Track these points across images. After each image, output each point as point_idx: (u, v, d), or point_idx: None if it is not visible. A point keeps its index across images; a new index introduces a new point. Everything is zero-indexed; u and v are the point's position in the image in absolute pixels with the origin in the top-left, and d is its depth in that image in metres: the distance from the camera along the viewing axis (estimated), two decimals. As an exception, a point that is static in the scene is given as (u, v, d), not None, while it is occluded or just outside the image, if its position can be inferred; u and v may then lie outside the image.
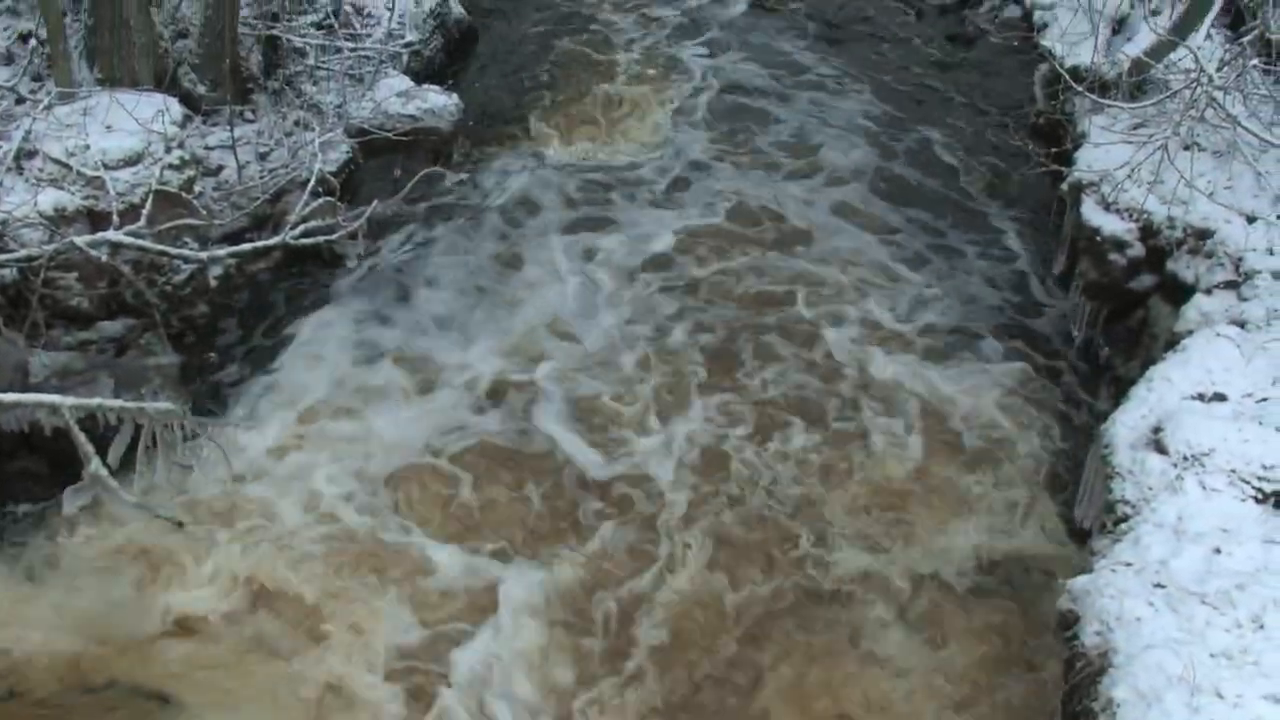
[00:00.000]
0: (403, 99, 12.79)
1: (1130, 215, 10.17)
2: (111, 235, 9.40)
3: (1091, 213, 10.43)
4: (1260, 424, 7.84)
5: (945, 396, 9.99)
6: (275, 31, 12.49)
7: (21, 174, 9.70)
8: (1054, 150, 11.67)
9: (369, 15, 13.96)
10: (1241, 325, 8.89)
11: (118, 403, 8.35)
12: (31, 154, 9.80)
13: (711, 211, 12.28)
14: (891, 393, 10.01)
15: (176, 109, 10.68)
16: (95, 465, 8.14)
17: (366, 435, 9.43)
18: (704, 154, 13.34)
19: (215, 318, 10.43)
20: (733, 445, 9.45)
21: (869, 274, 11.42)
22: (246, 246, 10.44)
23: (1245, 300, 9.10)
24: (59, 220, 9.44)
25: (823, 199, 12.47)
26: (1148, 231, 10.07)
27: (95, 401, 8.22)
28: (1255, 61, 10.62)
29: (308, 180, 11.00)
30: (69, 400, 8.08)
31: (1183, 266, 9.77)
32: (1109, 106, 11.22)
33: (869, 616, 8.12)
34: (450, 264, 11.49)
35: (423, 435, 9.44)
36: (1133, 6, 13.02)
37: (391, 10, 13.71)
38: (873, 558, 8.52)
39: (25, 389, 8.41)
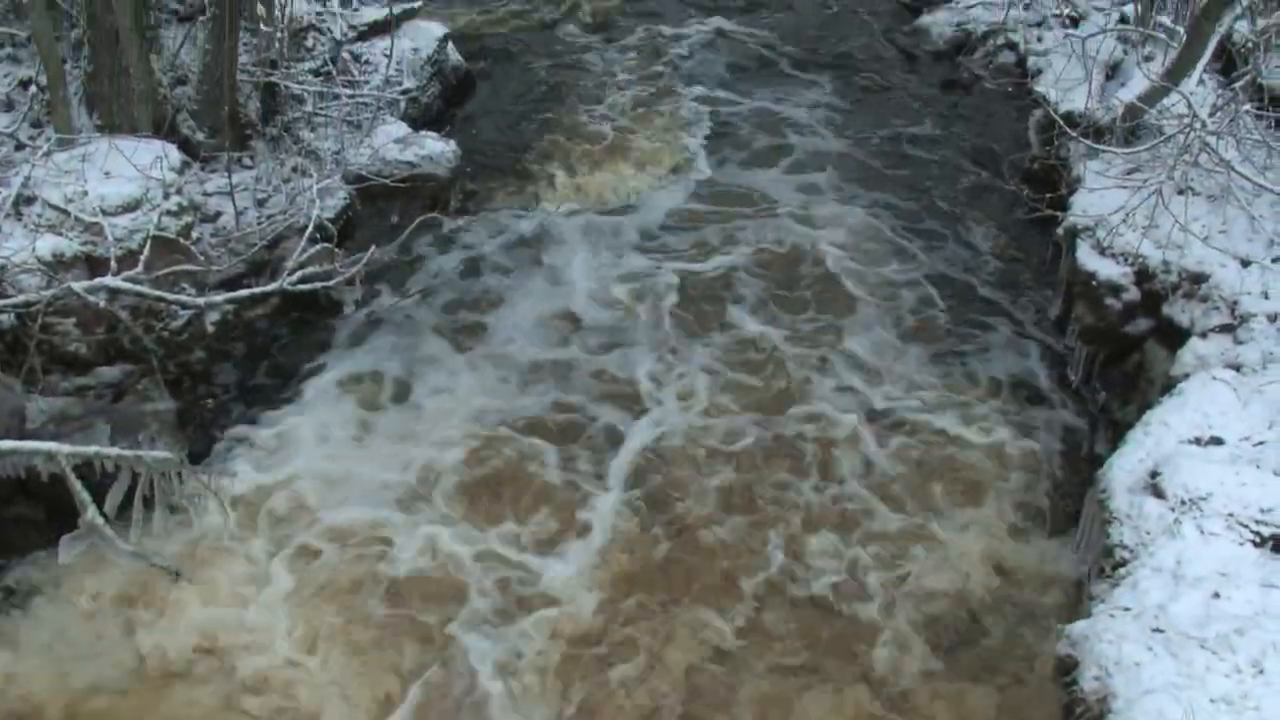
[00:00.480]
0: (400, 146, 12.83)
1: (1126, 260, 10.21)
2: (109, 281, 9.41)
3: (1087, 257, 10.47)
4: (1257, 467, 7.85)
5: (941, 440, 9.98)
6: (274, 79, 12.52)
7: (20, 220, 9.73)
8: (1049, 195, 11.72)
9: (367, 62, 14.03)
10: (1237, 369, 8.93)
11: (115, 451, 8.29)
12: (30, 200, 9.83)
13: (708, 257, 12.26)
14: (887, 435, 10.00)
15: (175, 155, 10.72)
16: (92, 513, 8.07)
17: (363, 482, 9.40)
18: (700, 200, 13.35)
19: (212, 363, 10.41)
20: (727, 484, 9.46)
21: (864, 315, 11.43)
22: (244, 292, 10.45)
23: (1241, 344, 9.14)
24: (57, 266, 9.46)
25: (820, 244, 12.46)
26: (1143, 276, 10.11)
27: (92, 449, 8.17)
28: (1247, 106, 10.69)
29: (305, 226, 11.01)
30: (66, 447, 8.04)
31: (1178, 310, 9.80)
32: (1103, 151, 11.28)
33: (865, 656, 8.09)
34: (447, 311, 11.48)
35: (417, 484, 9.42)
36: (1126, 53, 13.10)
37: (389, 57, 13.78)
38: (867, 600, 8.49)
39: (22, 435, 8.39)
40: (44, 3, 10.41)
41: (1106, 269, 10.28)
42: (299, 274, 10.60)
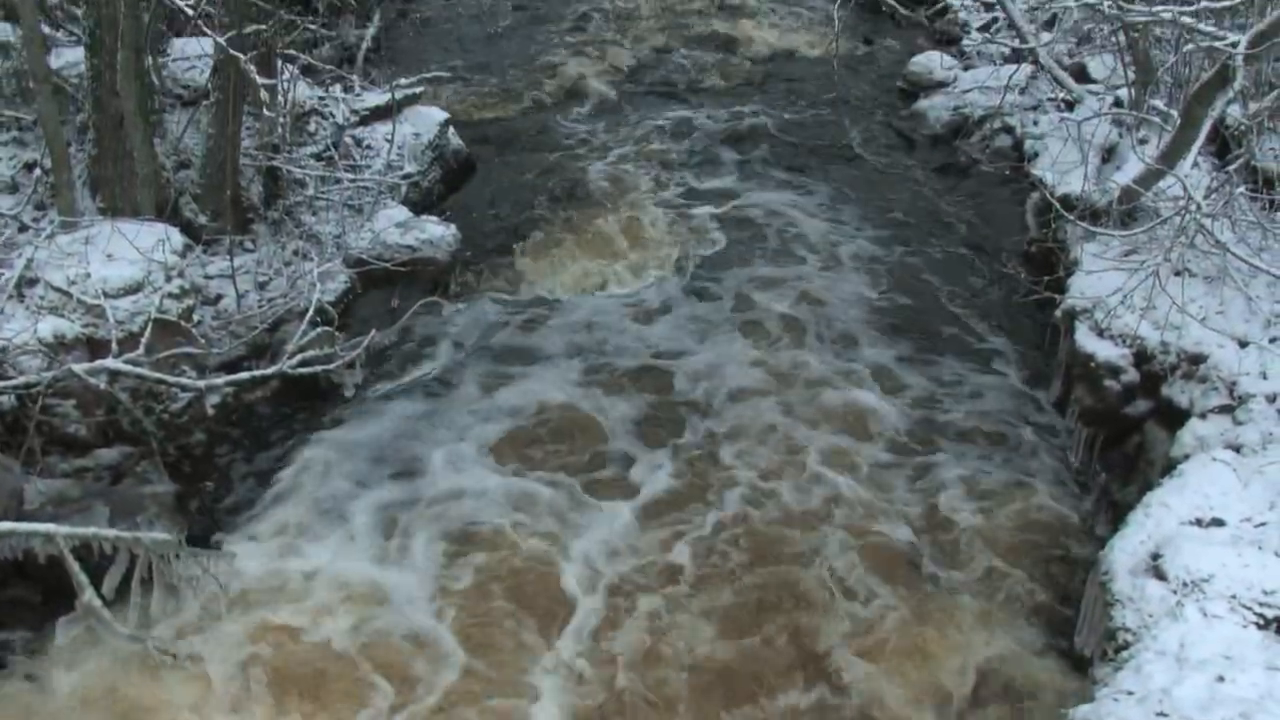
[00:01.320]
0: (401, 230, 12.89)
1: (1124, 341, 10.24)
2: (110, 363, 9.43)
3: (1086, 339, 10.50)
4: (1259, 549, 7.81)
5: (941, 522, 9.94)
6: (276, 163, 12.62)
7: (23, 301, 9.77)
8: (1047, 278, 11.77)
9: (369, 147, 14.15)
10: (1237, 450, 8.91)
11: (113, 532, 8.27)
12: (33, 282, 9.88)
13: (708, 344, 12.27)
14: (887, 518, 9.96)
15: (177, 238, 10.78)
16: (89, 595, 8.03)
17: (359, 568, 9.35)
18: (698, 290, 13.36)
19: (212, 446, 10.40)
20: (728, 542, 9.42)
21: (862, 400, 11.41)
22: (244, 375, 10.48)
23: (1240, 424, 9.13)
24: (58, 348, 9.48)
25: (819, 327, 12.49)
26: (1142, 357, 10.13)
27: (90, 531, 8.15)
28: (1241, 189, 10.76)
29: (306, 310, 11.06)
30: (64, 529, 8.02)
31: (1177, 391, 9.81)
32: (1100, 234, 11.34)
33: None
34: (447, 395, 11.46)
35: (416, 568, 9.36)
36: (1121, 136, 13.21)
37: (391, 142, 13.89)
38: (869, 683, 8.42)
39: (20, 517, 8.36)
40: (50, 88, 10.53)
41: (1105, 351, 10.31)
42: (299, 357, 10.63)
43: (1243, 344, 9.74)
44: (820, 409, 11.29)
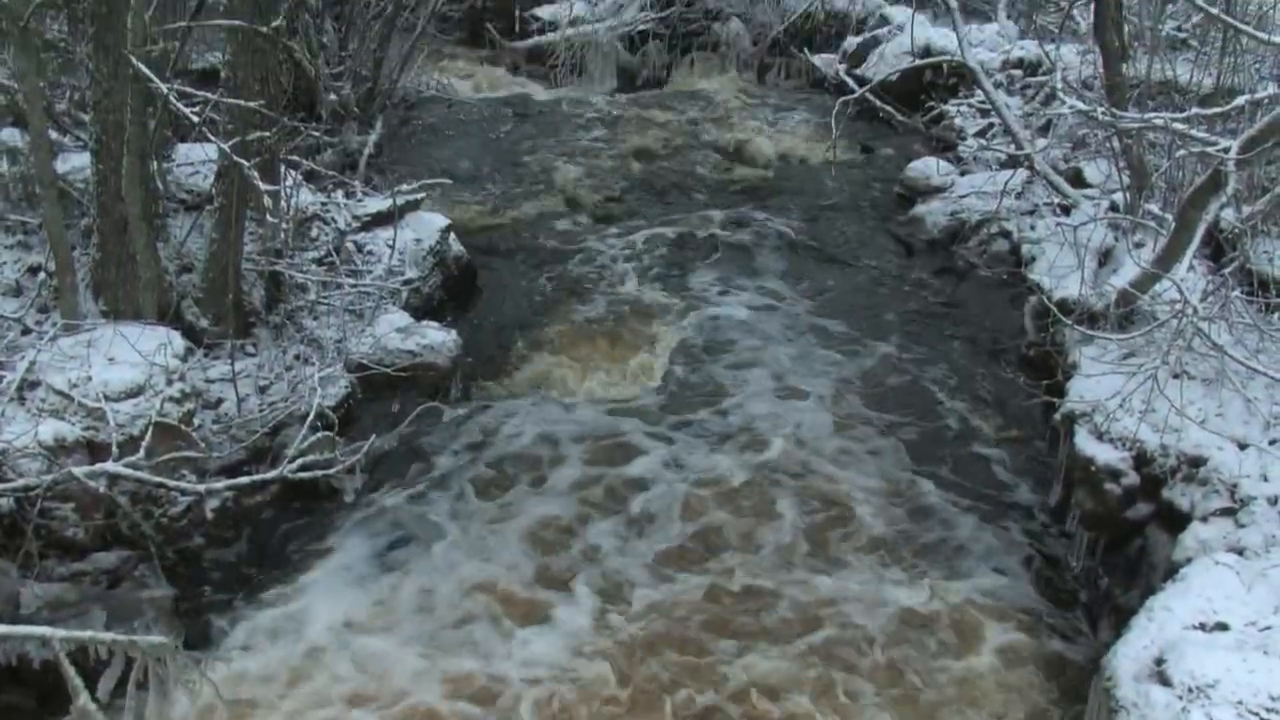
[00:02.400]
0: (402, 335, 12.93)
1: (1124, 444, 10.24)
2: (110, 467, 9.43)
3: (1085, 443, 10.50)
4: (1265, 654, 7.76)
5: (942, 629, 9.88)
6: (278, 268, 12.69)
7: (24, 404, 9.79)
8: (1046, 381, 11.80)
9: (370, 252, 14.22)
10: (1240, 552, 8.88)
11: (109, 636, 8.21)
12: (35, 384, 9.90)
13: (708, 454, 12.24)
14: (888, 625, 9.90)
15: (179, 342, 10.82)
16: (84, 700, 7.96)
17: (359, 673, 9.28)
18: (696, 393, 13.37)
19: (211, 550, 10.37)
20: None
21: (860, 508, 11.39)
22: (244, 480, 10.44)
23: (1242, 527, 9.11)
24: (58, 451, 9.48)
25: (816, 432, 12.51)
26: (1142, 460, 10.13)
27: (87, 634, 8.09)
28: (1237, 291, 10.84)
29: (307, 414, 11.05)
30: (60, 632, 7.96)
31: (1178, 494, 9.80)
32: (1098, 337, 11.38)
33: None
34: (447, 501, 11.42)
35: (418, 675, 9.29)
36: (1117, 240, 13.31)
37: (392, 248, 13.97)
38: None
39: (15, 620, 8.33)
40: (56, 192, 10.63)
41: (1105, 454, 10.31)
42: (299, 461, 10.60)
43: (1242, 446, 9.74)
44: (816, 511, 11.29)
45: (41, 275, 11.54)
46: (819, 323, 14.91)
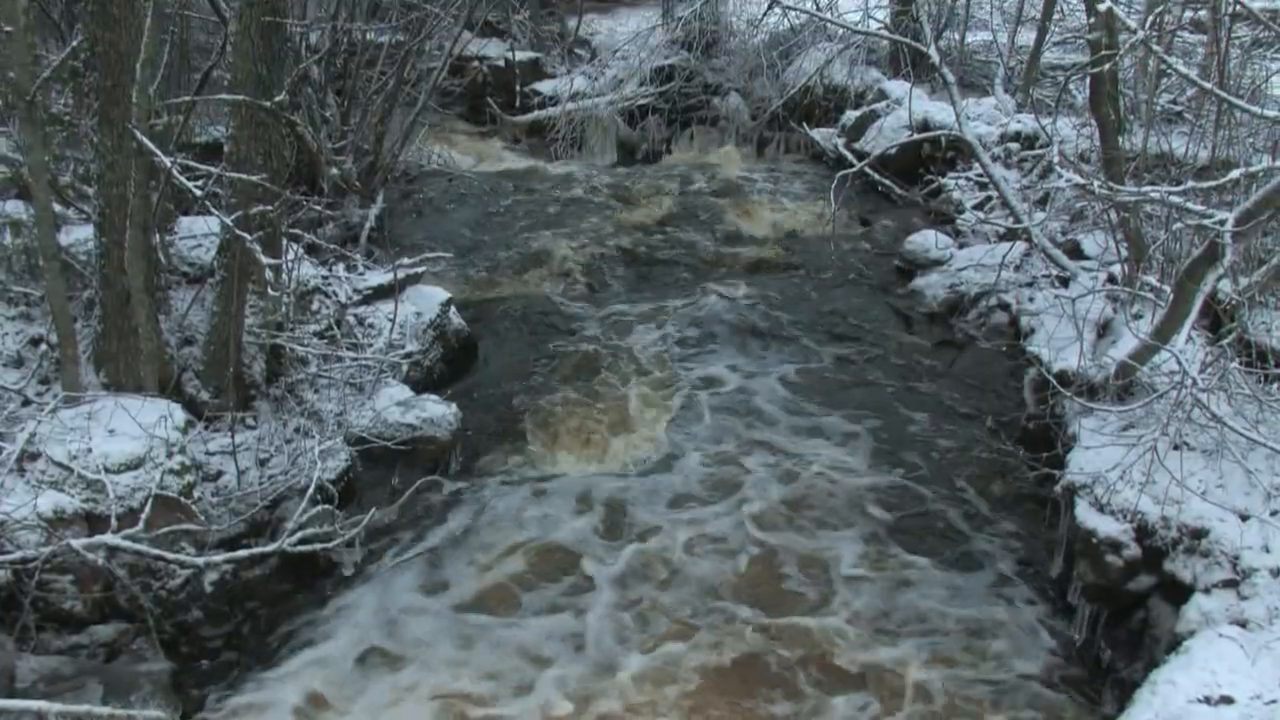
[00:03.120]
0: (402, 408, 12.96)
1: (1125, 517, 10.21)
2: (109, 539, 9.43)
3: (1086, 515, 10.48)
4: (1270, 727, 7.73)
5: (942, 704, 9.82)
6: (279, 341, 12.71)
7: (23, 476, 9.79)
8: (1046, 454, 11.80)
9: (371, 325, 14.26)
10: (1243, 625, 8.86)
11: (106, 710, 8.17)
12: (34, 456, 9.91)
13: (708, 531, 12.19)
14: (889, 696, 9.84)
15: (180, 415, 10.83)
16: (80, 774, 7.95)
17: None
18: (693, 469, 13.34)
19: (209, 624, 10.30)
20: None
21: (857, 579, 11.37)
22: (243, 553, 10.43)
23: (1245, 599, 9.09)
24: (57, 523, 9.48)
25: (815, 507, 12.49)
26: (1143, 532, 10.10)
27: (83, 708, 8.06)
28: (1235, 363, 10.86)
29: (306, 487, 11.06)
30: (56, 706, 7.94)
31: (1180, 566, 9.77)
32: (1098, 409, 11.40)
33: None
34: (446, 576, 11.41)
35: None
36: (1116, 311, 13.35)
37: (393, 321, 14.01)
38: None
39: (12, 694, 8.29)
40: (59, 264, 10.67)
41: (1106, 526, 10.28)
42: (299, 535, 10.60)
43: (1244, 518, 9.74)
44: (813, 583, 11.29)
45: (43, 347, 11.58)
46: (818, 396, 14.91)
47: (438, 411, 13.12)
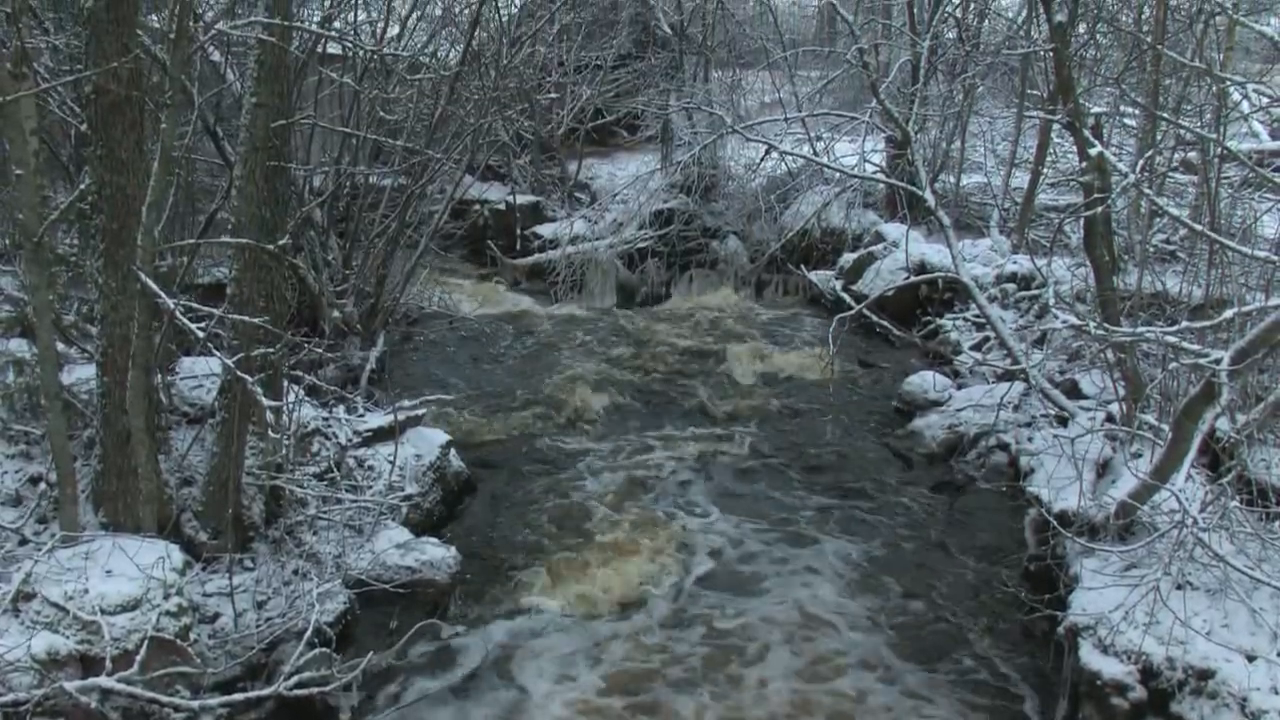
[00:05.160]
0: (401, 551, 12.90)
1: (1129, 658, 10.14)
2: (103, 681, 9.35)
3: (1090, 656, 10.41)
4: None
5: None
6: (278, 482, 12.70)
7: (18, 616, 9.72)
8: (1048, 595, 11.74)
9: (370, 467, 14.26)
10: (1254, 768, 8.76)
11: None
12: (30, 596, 9.85)
13: (709, 674, 12.07)
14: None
15: (177, 556, 10.78)
16: None
17: None
18: (694, 613, 13.21)
19: (203, 767, 10.19)
20: None
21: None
22: (239, 696, 10.32)
23: (1255, 742, 9.00)
24: (51, 664, 9.40)
25: (816, 653, 12.38)
26: (1148, 674, 10.02)
27: None
28: (1236, 501, 10.85)
29: (304, 630, 10.97)
30: None
31: (1187, 708, 9.69)
32: (1099, 550, 11.36)
33: None
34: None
35: None
36: (1115, 451, 13.37)
37: (392, 463, 14.02)
38: None
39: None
40: (60, 404, 10.71)
41: (1111, 668, 10.21)
42: (295, 678, 10.50)
43: (1250, 658, 9.67)
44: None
45: (42, 486, 11.59)
46: (817, 541, 14.84)
47: (437, 554, 13.06)
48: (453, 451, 15.62)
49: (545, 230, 27.12)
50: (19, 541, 11.02)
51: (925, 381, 18.89)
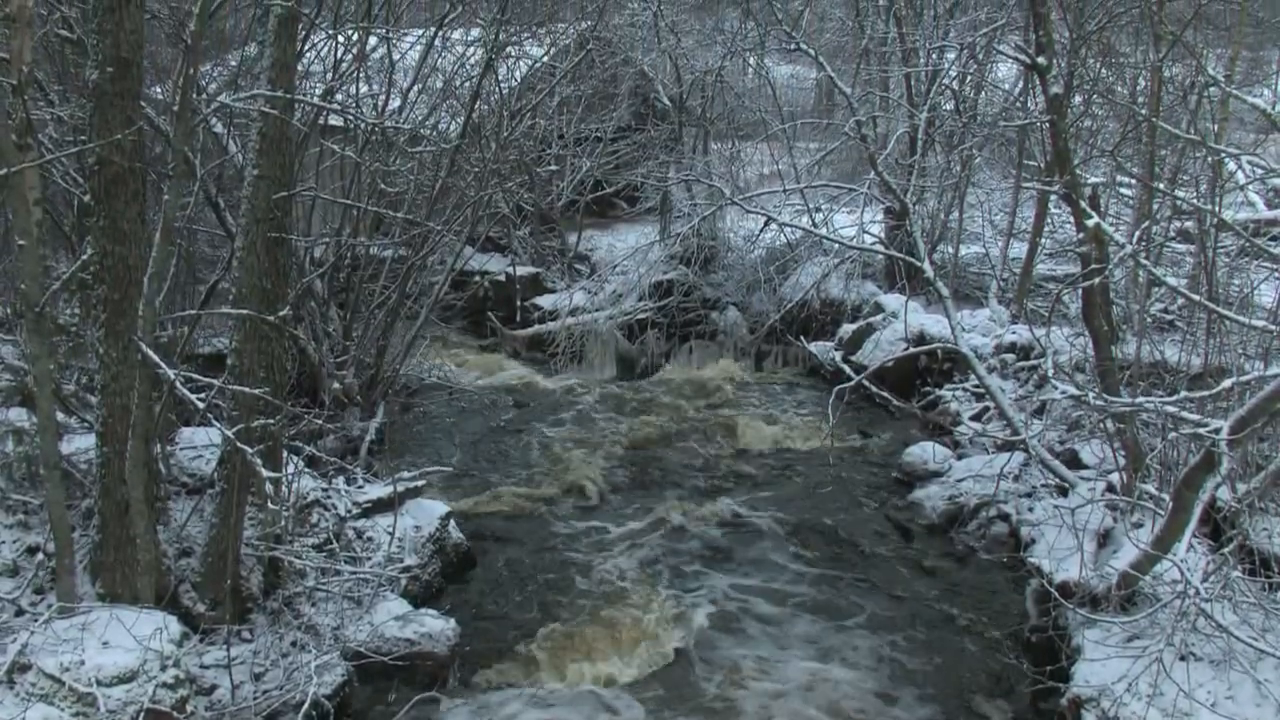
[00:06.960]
0: (400, 623, 12.84)
1: (1133, 730, 10.08)
2: (98, 754, 9.27)
3: (1094, 729, 10.35)
4: None
5: None
6: (277, 553, 12.67)
7: (13, 688, 9.66)
8: (1050, 666, 11.67)
9: (369, 539, 14.23)
10: (1260, 839, 8.67)
11: None
12: (25, 668, 9.79)
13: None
14: None
15: (175, 627, 10.73)
16: None
17: None
18: (695, 687, 13.12)
19: (197, 842, 10.10)
20: None
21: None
22: (232, 772, 10.27)
23: (1265, 821, 8.92)
24: (44, 736, 9.34)
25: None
26: (1153, 746, 9.96)
27: None
28: (1238, 570, 10.82)
29: (301, 703, 10.91)
30: None
31: (1192, 781, 9.61)
32: (1101, 621, 11.32)
33: None
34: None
35: None
36: (1116, 521, 13.33)
37: (392, 535, 13.98)
38: None
39: None
40: (59, 474, 10.70)
41: (1115, 740, 10.15)
42: (293, 752, 10.44)
43: (1256, 732, 9.61)
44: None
45: (40, 556, 11.57)
46: (817, 611, 14.78)
47: (436, 626, 13.00)
48: (452, 523, 15.58)
49: (545, 301, 27.20)
50: (15, 612, 10.99)
51: (925, 452, 18.88)
